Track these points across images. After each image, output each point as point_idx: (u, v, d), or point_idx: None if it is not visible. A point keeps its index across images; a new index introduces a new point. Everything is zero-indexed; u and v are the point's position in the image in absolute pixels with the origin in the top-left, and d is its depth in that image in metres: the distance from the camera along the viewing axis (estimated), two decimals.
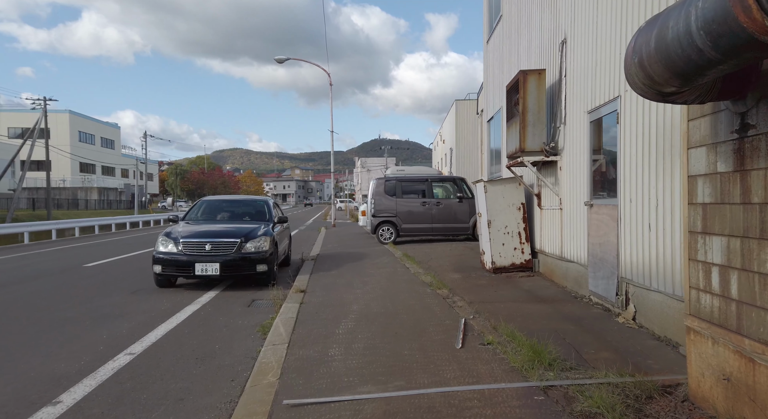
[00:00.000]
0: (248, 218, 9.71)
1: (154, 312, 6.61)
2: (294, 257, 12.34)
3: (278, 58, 24.19)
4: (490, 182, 8.17)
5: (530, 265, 8.03)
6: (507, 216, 8.04)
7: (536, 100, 6.74)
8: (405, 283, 7.70)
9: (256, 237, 8.43)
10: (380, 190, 14.32)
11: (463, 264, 9.45)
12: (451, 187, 14.85)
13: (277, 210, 11.03)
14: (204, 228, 8.74)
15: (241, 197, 10.73)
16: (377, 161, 64.82)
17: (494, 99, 11.23)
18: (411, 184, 14.62)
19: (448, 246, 12.87)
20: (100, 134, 66.41)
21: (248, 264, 8.20)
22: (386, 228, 14.24)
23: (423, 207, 14.08)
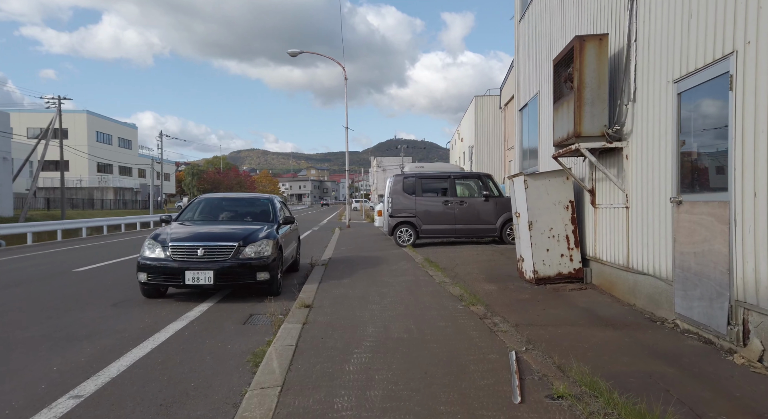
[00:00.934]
0: (250, 219, 8.51)
1: (129, 331, 5.42)
2: (304, 261, 11.13)
3: (291, 51, 23.09)
4: (532, 176, 6.84)
5: (580, 275, 6.67)
6: (552, 216, 6.70)
7: (596, 72, 5.39)
8: (430, 296, 6.41)
9: (256, 241, 7.23)
10: (398, 188, 13.04)
11: (495, 273, 8.12)
12: (476, 185, 13.49)
13: (284, 210, 9.83)
14: (197, 230, 7.56)
15: (243, 195, 9.55)
16: (393, 160, 63.60)
17: (528, 83, 9.87)
18: (432, 182, 13.30)
19: (474, 249, 11.53)
20: (117, 134, 66.39)
21: (247, 272, 7.00)
22: (405, 229, 12.95)
23: (445, 206, 12.77)
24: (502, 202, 12.68)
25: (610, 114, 5.48)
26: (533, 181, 6.75)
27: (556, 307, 5.54)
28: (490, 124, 34.26)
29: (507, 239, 12.54)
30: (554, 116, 6.28)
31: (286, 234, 8.67)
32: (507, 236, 12.56)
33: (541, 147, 8.82)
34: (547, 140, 8.48)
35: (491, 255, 10.36)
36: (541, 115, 8.88)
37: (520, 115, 10.76)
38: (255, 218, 8.52)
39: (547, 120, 8.36)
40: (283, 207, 10.08)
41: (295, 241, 9.87)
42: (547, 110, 8.49)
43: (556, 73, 6.30)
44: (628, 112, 5.23)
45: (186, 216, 8.51)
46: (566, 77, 5.93)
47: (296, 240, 10.03)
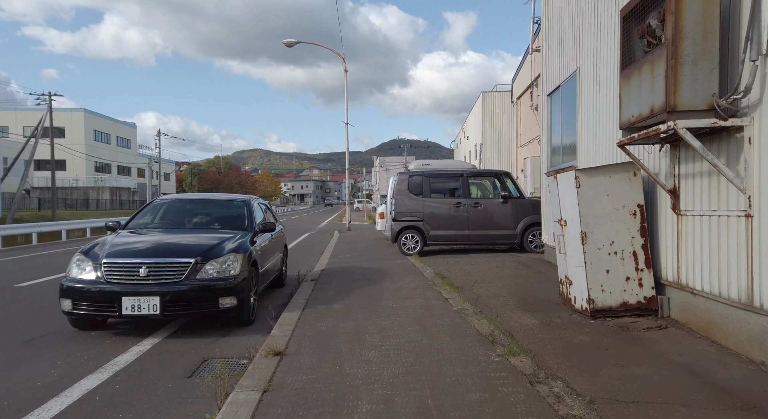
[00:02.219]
0: (218, 225, 6.75)
1: (13, 396, 3.68)
2: (294, 272, 9.41)
3: (287, 41, 21.36)
4: (587, 172, 5.05)
5: (653, 306, 4.88)
6: (614, 225, 4.91)
7: (701, 15, 3.61)
8: (449, 336, 4.62)
9: (220, 256, 5.48)
10: (403, 188, 11.27)
11: (529, 296, 6.33)
12: (493, 184, 11.71)
13: (267, 215, 8.08)
14: (144, 241, 5.80)
15: (212, 196, 7.77)
16: (396, 160, 61.87)
17: (562, 62, 8.08)
18: (441, 181, 11.52)
19: (493, 260, 9.73)
20: (116, 133, 64.86)
21: (207, 297, 5.26)
22: (410, 235, 11.18)
23: (457, 209, 10.98)
24: (523, 204, 10.90)
25: (721, 78, 3.69)
26: (588, 179, 4.96)
27: (638, 362, 3.75)
28: (499, 120, 32.43)
29: (529, 247, 10.75)
30: (623, 89, 4.49)
31: (266, 246, 6.92)
32: (529, 244, 10.77)
33: (583, 137, 7.04)
34: (591, 128, 6.70)
35: (516, 268, 8.55)
36: (581, 97, 7.10)
37: (549, 102, 8.96)
38: (226, 225, 6.76)
39: (595, 101, 6.57)
40: (267, 210, 8.33)
41: (280, 252, 8.12)
42: (590, 90, 6.70)
43: (624, 29, 4.51)
44: (754, 73, 3.44)
45: (139, 221, 6.74)
46: (644, 31, 4.15)
47: (281, 250, 8.27)
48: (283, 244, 8.58)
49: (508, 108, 32.44)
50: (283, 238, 8.57)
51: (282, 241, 8.44)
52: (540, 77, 9.04)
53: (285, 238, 8.88)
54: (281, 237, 8.35)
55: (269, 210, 8.50)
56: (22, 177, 33.28)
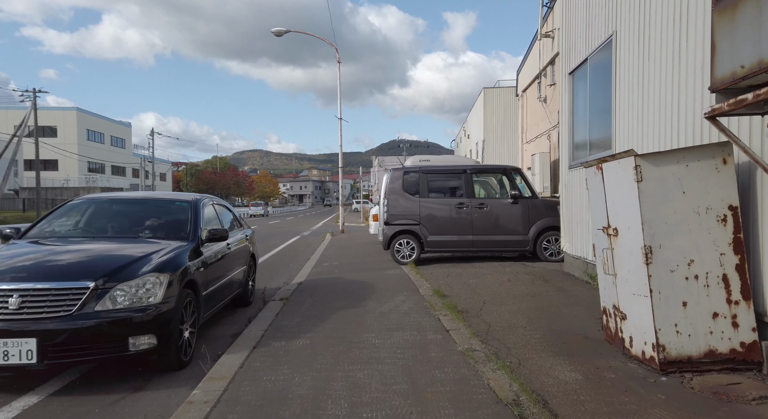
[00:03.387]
0: (150, 233, 5.14)
1: None
2: (269, 284, 7.87)
3: (276, 30, 19.79)
4: (651, 157, 3.45)
5: (755, 357, 3.30)
6: (693, 236, 3.33)
7: None
8: (452, 405, 3.01)
9: (135, 276, 3.91)
10: (397, 187, 9.68)
11: (557, 326, 4.72)
12: (500, 182, 10.14)
13: (225, 218, 6.50)
14: (30, 256, 4.21)
15: (149, 195, 6.13)
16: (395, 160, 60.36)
17: (590, 30, 6.48)
18: (441, 178, 9.93)
19: (502, 271, 8.13)
20: (110, 133, 63.34)
21: (110, 337, 3.69)
22: (405, 241, 9.58)
23: (459, 210, 9.39)
24: (536, 205, 9.31)
25: None
26: (654, 168, 3.36)
27: None
28: (502, 116, 30.84)
29: (543, 255, 9.16)
30: (721, 29, 2.90)
31: (217, 259, 5.34)
32: (543, 251, 9.17)
33: (622, 120, 5.45)
34: (635, 107, 5.11)
35: (532, 283, 6.95)
36: (619, 69, 5.50)
37: (571, 82, 7.37)
38: (161, 232, 5.16)
39: (641, 71, 4.98)
40: (226, 212, 6.75)
41: (243, 265, 6.53)
42: (634, 58, 5.11)
43: None
44: None
45: (45, 228, 5.13)
46: None
47: (245, 262, 6.68)
48: (249, 254, 6.99)
49: (510, 104, 30.88)
50: (248, 248, 6.98)
51: (246, 251, 6.85)
52: (558, 55, 7.45)
53: (253, 247, 7.30)
54: (245, 247, 6.76)
55: (229, 211, 6.92)
56: (3, 177, 31.69)
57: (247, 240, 6.98)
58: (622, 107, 5.45)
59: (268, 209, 54.50)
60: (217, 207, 6.34)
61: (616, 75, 5.59)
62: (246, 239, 6.95)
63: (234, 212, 7.17)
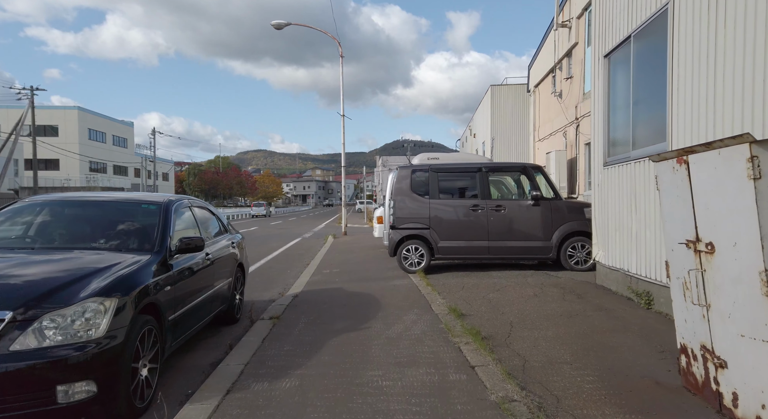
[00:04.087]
0: (107, 242, 4.19)
1: None
2: (261, 296, 6.94)
3: (275, 23, 18.86)
4: None
5: None
6: None
7: None
8: None
9: (71, 303, 2.96)
10: (404, 186, 8.70)
11: (613, 363, 3.68)
12: (518, 182, 9.16)
13: (208, 224, 5.56)
14: None
15: (110, 197, 5.12)
16: (399, 160, 59.44)
17: (633, 3, 5.49)
18: (454, 177, 8.95)
19: (524, 282, 7.14)
20: (111, 132, 62.63)
21: (31, 385, 2.73)
22: (413, 246, 8.61)
23: (474, 213, 8.42)
24: (559, 207, 8.32)
25: None
26: None
27: None
28: (511, 114, 29.82)
29: (568, 263, 8.17)
30: None
31: (192, 274, 4.39)
32: (568, 259, 8.18)
33: (680, 105, 4.46)
34: (703, 88, 4.12)
35: (563, 299, 5.96)
36: (678, 43, 4.52)
37: (606, 66, 6.36)
38: (120, 241, 4.20)
39: (712, 42, 3.99)
40: (208, 215, 5.80)
41: (227, 277, 5.57)
42: (702, 27, 4.12)
43: None
44: None
45: None
46: None
47: (230, 274, 5.72)
48: (236, 264, 6.03)
49: (519, 101, 29.85)
50: (235, 256, 6.02)
51: (233, 260, 5.89)
52: (593, 35, 6.47)
53: (242, 255, 6.34)
54: (231, 256, 5.81)
55: (214, 216, 5.96)
56: (0, 176, 30.88)
57: (234, 248, 6.03)
58: (682, 91, 4.46)
59: (270, 209, 53.67)
60: (197, 210, 5.38)
61: (673, 52, 4.60)
62: (233, 246, 6.00)
63: (219, 215, 6.22)
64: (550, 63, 15.55)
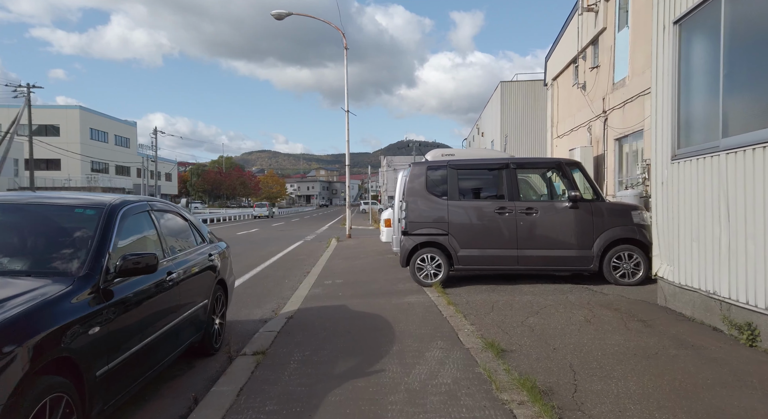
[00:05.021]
0: (7, 262, 2.97)
1: None
2: (249, 314, 5.72)
3: (276, 12, 17.66)
4: None
5: None
6: None
7: None
8: None
9: None
10: (418, 186, 7.44)
11: None
12: (552, 181, 7.90)
13: (173, 232, 4.36)
14: None
15: (26, 198, 3.84)
16: (404, 159, 58.18)
17: None
18: (476, 175, 7.69)
19: (568, 302, 5.84)
20: (114, 132, 61.71)
21: None
22: (429, 255, 7.34)
23: (500, 217, 7.15)
24: (601, 210, 7.03)
25: None
26: None
27: None
28: (522, 110, 28.51)
29: (612, 276, 6.89)
30: None
31: (139, 307, 3.15)
32: (612, 271, 6.91)
33: None
34: None
35: (625, 326, 4.68)
36: None
37: (676, 35, 5.07)
38: (33, 261, 2.97)
39: None
40: (177, 222, 4.58)
41: (201, 299, 4.34)
42: None
43: None
44: None
45: None
46: None
47: (206, 295, 4.48)
48: (215, 281, 4.80)
49: (531, 98, 28.54)
50: (214, 272, 4.79)
51: (209, 278, 4.66)
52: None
53: (224, 269, 5.12)
54: (207, 273, 4.58)
55: (187, 222, 4.72)
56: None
57: (212, 261, 4.80)
58: None
59: (273, 210, 52.53)
60: (161, 215, 4.15)
61: None
62: (211, 259, 4.77)
63: (194, 221, 4.98)
64: (572, 52, 14.26)
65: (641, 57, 10.22)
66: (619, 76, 11.42)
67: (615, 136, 11.64)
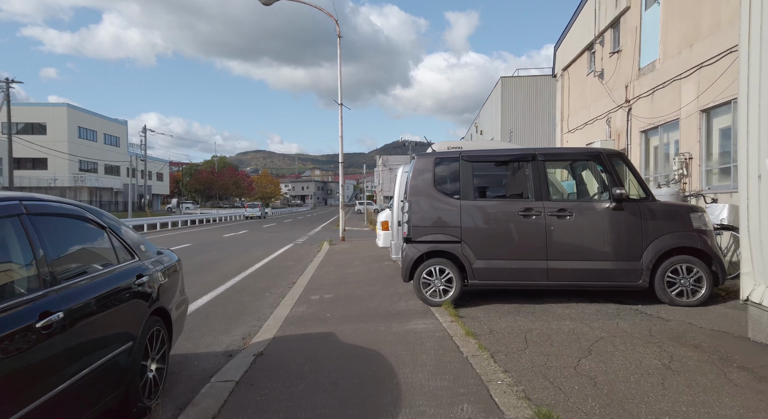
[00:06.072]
0: None
1: None
2: (216, 345, 4.26)
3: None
4: None
5: None
6: None
7: None
8: None
9: None
10: (423, 183, 6.02)
11: None
12: (587, 176, 6.50)
13: (113, 241, 2.91)
14: None
15: None
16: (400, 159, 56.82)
17: None
18: (495, 169, 6.30)
19: (623, 332, 4.42)
20: (103, 130, 59.89)
21: None
22: (437, 268, 5.92)
23: (525, 220, 5.73)
24: (652, 212, 5.63)
25: None
26: None
27: None
28: (525, 106, 27.19)
29: (667, 294, 5.50)
30: None
31: None
32: (667, 288, 5.51)
33: None
34: None
35: (725, 378, 3.28)
36: None
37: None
38: None
39: None
40: (86, 227, 3.14)
41: (117, 345, 2.90)
42: None
43: None
44: None
45: None
46: None
47: (129, 336, 3.04)
48: (148, 312, 3.36)
49: (534, 93, 27.20)
50: (146, 300, 3.36)
51: (138, 310, 3.23)
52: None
53: (165, 294, 3.69)
54: (135, 301, 3.16)
55: (105, 230, 3.29)
56: None
57: (141, 286, 3.37)
58: None
59: (265, 211, 50.96)
60: (42, 222, 2.71)
61: None
62: (139, 284, 3.34)
63: (118, 229, 3.53)
64: (587, 38, 12.90)
65: (676, 36, 8.86)
66: (646, 60, 10.06)
67: (641, 128, 10.28)
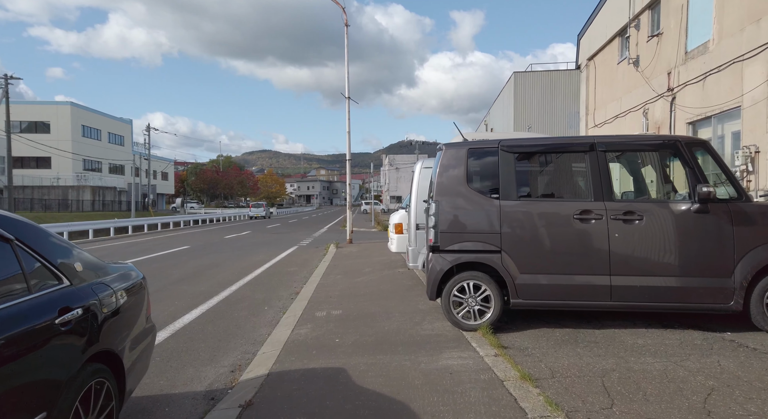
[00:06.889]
0: None
1: None
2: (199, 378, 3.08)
3: None
4: None
5: None
6: None
7: None
8: None
9: None
10: (453, 179, 4.86)
11: None
12: (662, 171, 5.31)
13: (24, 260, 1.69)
14: None
15: None
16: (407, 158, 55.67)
17: None
18: (543, 163, 5.14)
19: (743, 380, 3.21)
20: (107, 129, 59.18)
21: None
22: (472, 283, 4.76)
23: (583, 225, 4.56)
24: (747, 215, 4.42)
25: None
26: None
27: None
28: (539, 102, 25.96)
29: (767, 321, 4.31)
30: None
31: None
32: (767, 313, 4.32)
33: None
34: None
35: None
36: None
37: None
38: None
39: None
40: None
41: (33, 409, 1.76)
42: None
43: None
44: None
45: None
46: None
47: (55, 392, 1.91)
48: (81, 360, 2.21)
49: (548, 88, 26.00)
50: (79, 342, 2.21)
51: (63, 360, 2.08)
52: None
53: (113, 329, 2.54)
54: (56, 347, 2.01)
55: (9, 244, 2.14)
56: None
57: (68, 324, 2.22)
58: None
59: (270, 210, 49.96)
60: None
61: None
62: (62, 321, 2.19)
63: (32, 242, 2.39)
64: (620, 22, 11.69)
65: (736, 11, 7.64)
66: (695, 43, 8.85)
67: (688, 119, 9.07)
